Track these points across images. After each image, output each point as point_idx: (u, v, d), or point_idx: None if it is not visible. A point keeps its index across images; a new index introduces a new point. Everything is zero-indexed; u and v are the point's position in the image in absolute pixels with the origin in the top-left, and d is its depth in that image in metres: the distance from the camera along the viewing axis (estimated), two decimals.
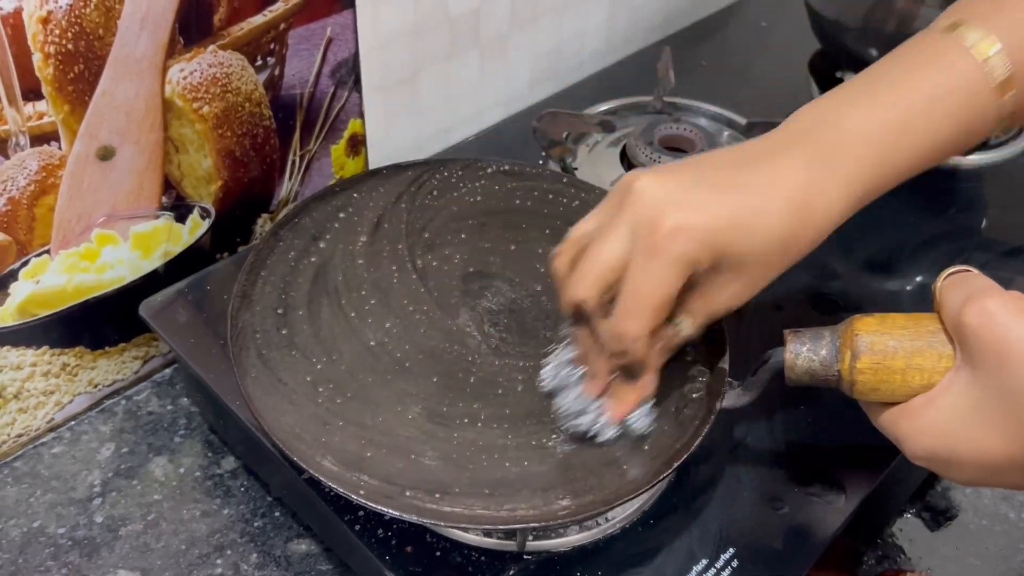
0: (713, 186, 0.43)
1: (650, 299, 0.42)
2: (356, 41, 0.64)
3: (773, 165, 0.43)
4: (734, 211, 0.42)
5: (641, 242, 0.41)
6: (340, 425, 0.46)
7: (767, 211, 0.42)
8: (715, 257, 0.42)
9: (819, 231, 0.44)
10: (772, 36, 0.91)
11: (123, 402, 0.64)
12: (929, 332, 0.41)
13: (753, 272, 0.44)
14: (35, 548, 0.55)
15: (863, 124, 0.44)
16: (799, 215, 0.43)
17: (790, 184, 0.43)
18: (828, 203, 0.43)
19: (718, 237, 0.41)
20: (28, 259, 0.55)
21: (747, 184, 0.43)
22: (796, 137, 0.45)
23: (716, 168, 0.44)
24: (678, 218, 0.41)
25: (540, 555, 0.47)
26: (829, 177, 0.43)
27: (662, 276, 0.41)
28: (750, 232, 0.42)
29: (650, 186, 0.42)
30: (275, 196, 0.66)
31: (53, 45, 0.50)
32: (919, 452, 0.40)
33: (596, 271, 0.43)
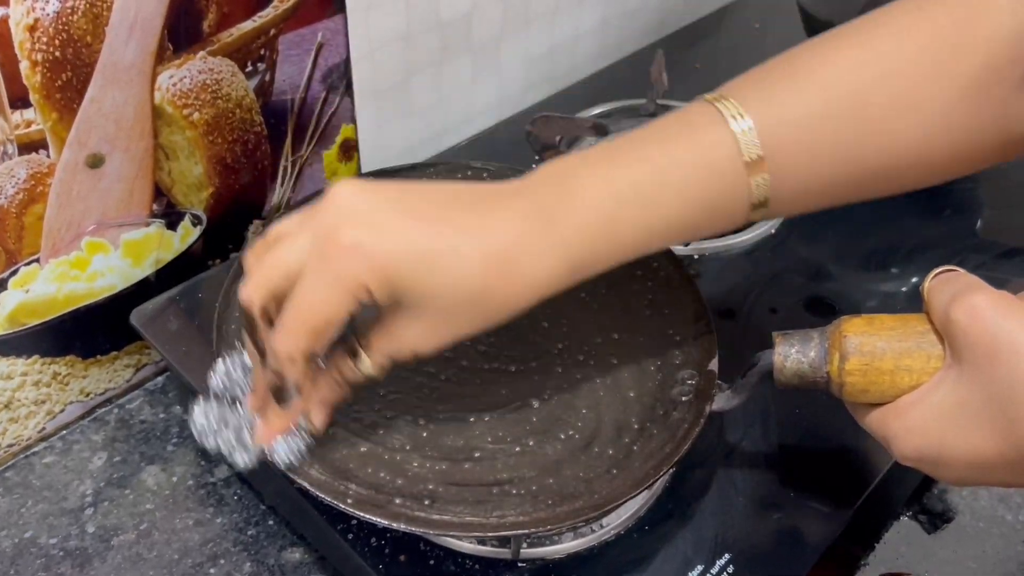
0: (414, 214, 0.39)
1: (309, 318, 0.38)
2: (347, 46, 0.64)
3: (490, 210, 0.40)
4: (423, 246, 0.38)
5: (315, 254, 0.38)
6: (328, 433, 0.46)
7: (460, 256, 0.38)
8: (390, 289, 0.38)
9: (519, 294, 0.40)
10: (765, 38, 0.91)
11: (115, 411, 0.63)
12: (917, 333, 0.41)
13: (438, 317, 0.40)
14: (27, 559, 0.54)
15: (592, 188, 0.40)
16: (497, 270, 0.39)
17: (497, 236, 0.39)
18: (534, 266, 0.39)
19: (396, 268, 0.38)
20: (17, 268, 0.55)
21: (452, 223, 0.39)
22: (528, 189, 0.41)
23: (431, 198, 0.40)
24: (356, 236, 0.37)
25: (534, 563, 0.47)
26: (542, 239, 0.39)
27: (326, 296, 0.38)
28: (434, 273, 0.38)
29: (347, 195, 0.38)
30: (267, 202, 0.66)
31: (40, 52, 0.49)
32: (908, 452, 0.40)
33: (267, 275, 0.39)
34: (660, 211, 0.41)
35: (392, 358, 0.42)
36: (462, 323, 0.40)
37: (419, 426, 0.47)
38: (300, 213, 0.41)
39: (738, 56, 0.88)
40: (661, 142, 0.41)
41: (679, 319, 0.52)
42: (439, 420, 0.47)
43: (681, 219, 0.41)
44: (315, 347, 0.40)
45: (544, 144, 0.71)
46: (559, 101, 0.80)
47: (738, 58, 0.91)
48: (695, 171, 0.41)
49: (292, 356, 0.39)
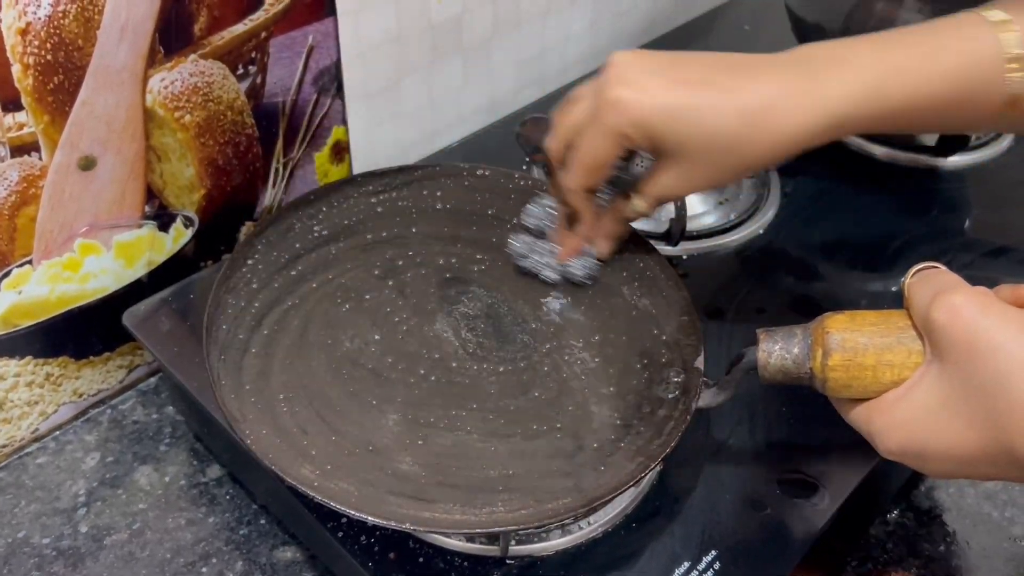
0: (675, 76, 0.45)
1: (584, 159, 0.48)
2: (338, 48, 0.65)
3: (751, 74, 0.45)
4: (677, 104, 0.45)
5: (591, 110, 0.47)
6: (319, 433, 0.46)
7: (712, 112, 0.44)
8: (650, 141, 0.46)
9: (775, 145, 0.45)
10: (755, 40, 0.92)
11: (108, 411, 0.64)
12: (899, 328, 0.41)
13: (694, 164, 0.47)
14: (20, 559, 0.55)
15: (860, 57, 0.45)
16: (753, 122, 0.44)
17: (759, 93, 0.45)
18: (790, 120, 0.45)
19: (652, 123, 0.45)
20: (10, 269, 0.55)
21: (714, 84, 0.45)
22: (792, 58, 0.46)
23: (696, 63, 0.46)
24: (619, 95, 0.45)
25: (523, 560, 0.47)
26: (802, 95, 0.45)
27: (596, 143, 0.47)
28: (686, 127, 0.45)
29: (620, 62, 0.46)
30: (259, 204, 0.66)
31: (32, 56, 0.50)
32: (891, 447, 0.41)
33: (561, 129, 0.49)
34: (926, 87, 0.45)
35: (658, 199, 0.50)
36: (719, 171, 0.47)
37: (408, 425, 0.47)
38: (594, 80, 0.48)
39: None
40: (931, 34, 0.46)
41: (666, 317, 0.53)
42: (428, 419, 0.48)
43: (942, 99, 0.46)
44: (591, 182, 0.49)
45: (535, 146, 0.71)
46: (550, 103, 0.80)
47: None
48: (960, 57, 0.45)
49: (573, 190, 0.50)
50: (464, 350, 0.51)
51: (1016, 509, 0.59)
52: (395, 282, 0.55)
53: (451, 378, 0.50)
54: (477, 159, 0.65)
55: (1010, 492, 0.60)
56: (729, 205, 0.69)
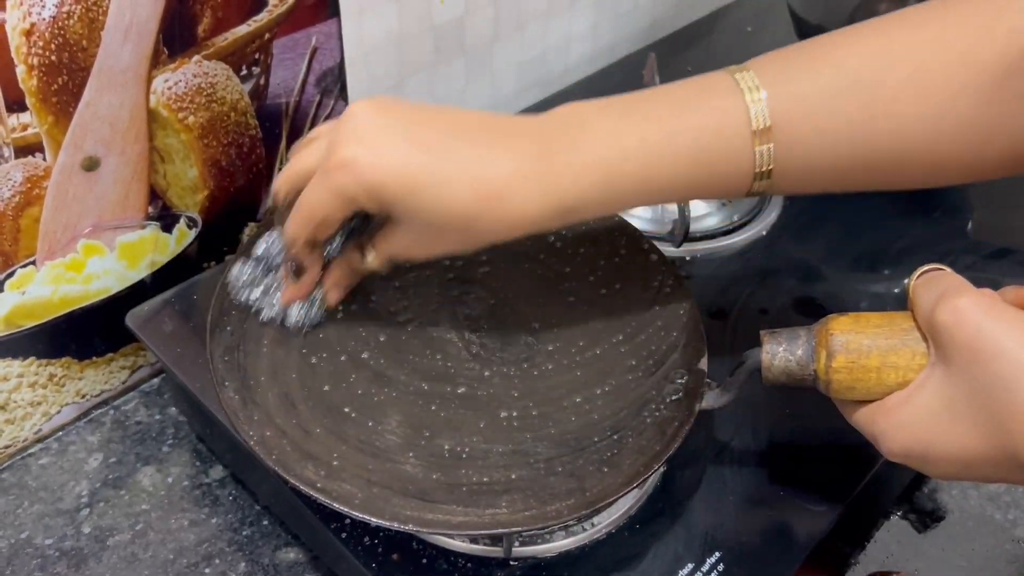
0: (415, 140, 0.42)
1: (308, 213, 0.44)
2: (341, 50, 0.65)
3: (491, 145, 0.42)
4: (413, 174, 0.41)
5: (321, 162, 0.43)
6: (322, 434, 0.46)
7: (448, 189, 0.42)
8: (380, 205, 0.43)
9: (506, 226, 0.43)
10: (757, 42, 0.92)
11: (111, 412, 0.64)
12: (903, 330, 0.41)
13: (427, 234, 0.45)
14: (22, 559, 0.55)
15: (598, 139, 0.42)
16: (482, 204, 0.42)
17: (492, 170, 0.42)
18: (522, 204, 0.42)
19: (384, 188, 0.42)
20: (13, 270, 0.55)
21: (450, 153, 0.42)
22: (536, 129, 0.43)
23: (438, 126, 0.43)
24: (352, 153, 0.42)
25: (526, 561, 0.47)
26: (537, 179, 0.42)
27: (322, 199, 0.43)
28: (421, 200, 0.42)
29: (359, 114, 0.43)
30: (262, 205, 0.66)
31: (36, 57, 0.50)
32: (895, 449, 0.41)
33: (291, 170, 0.46)
34: (662, 169, 0.43)
35: (391, 259, 0.48)
36: (449, 243, 0.45)
37: (411, 426, 0.47)
38: (335, 120, 0.45)
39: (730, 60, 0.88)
40: (674, 103, 0.43)
41: (669, 319, 0.53)
42: (431, 420, 0.48)
43: (683, 179, 0.43)
44: (313, 237, 0.46)
45: None
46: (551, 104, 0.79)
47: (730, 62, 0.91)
48: (701, 134, 0.43)
49: (294, 240, 0.46)
50: (467, 351, 0.51)
51: (1019, 511, 0.59)
52: (398, 283, 0.55)
53: (454, 379, 0.50)
54: None
55: (1013, 494, 0.60)
56: (732, 207, 0.69)
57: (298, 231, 0.45)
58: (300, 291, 0.50)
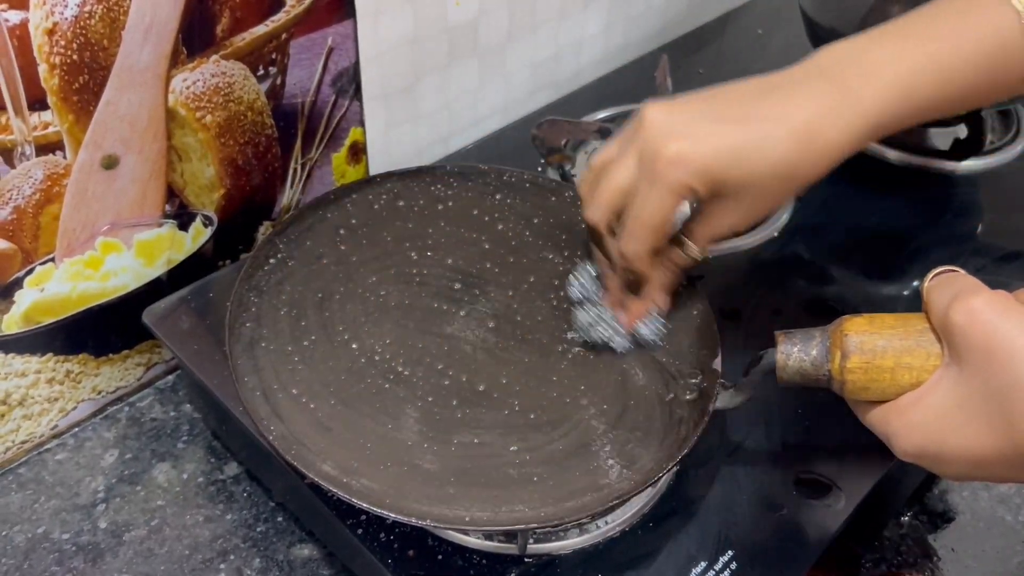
0: (718, 118, 0.45)
1: (649, 222, 0.46)
2: (356, 50, 0.65)
3: (785, 96, 0.45)
4: (734, 143, 0.44)
5: (644, 170, 0.45)
6: (339, 430, 0.47)
7: (769, 143, 0.44)
8: (712, 186, 0.45)
9: (823, 161, 0.45)
10: (769, 44, 0.92)
11: (126, 409, 0.64)
12: (917, 331, 0.41)
13: (753, 199, 0.46)
14: (39, 554, 0.55)
15: (887, 58, 0.45)
16: (802, 145, 0.44)
17: (797, 115, 0.44)
18: (836, 134, 0.45)
19: (715, 168, 0.44)
20: (33, 267, 0.56)
21: (753, 116, 0.45)
22: (816, 70, 0.46)
23: (727, 100, 0.46)
24: (677, 148, 0.44)
25: (540, 558, 0.47)
26: (840, 108, 0.45)
27: (660, 202, 0.45)
28: (749, 163, 0.44)
29: (658, 117, 0.45)
30: (277, 204, 0.67)
31: (59, 56, 0.50)
32: (909, 449, 0.41)
33: (606, 196, 0.48)
34: (954, 79, 0.46)
35: (713, 240, 0.49)
36: (772, 199, 0.47)
37: (428, 423, 0.48)
38: (615, 141, 0.48)
39: (741, 62, 0.89)
40: (950, 19, 0.46)
41: (683, 319, 0.53)
42: (448, 417, 0.48)
43: (972, 86, 0.47)
44: (657, 243, 0.48)
45: (550, 147, 0.72)
46: (564, 105, 0.81)
47: (741, 64, 0.92)
48: (984, 43, 0.45)
49: (639, 254, 0.48)
50: (482, 349, 0.52)
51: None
52: (414, 282, 0.55)
53: (470, 377, 0.50)
54: (492, 161, 0.66)
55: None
56: None
57: (642, 244, 0.47)
58: (646, 304, 0.51)
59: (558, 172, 0.70)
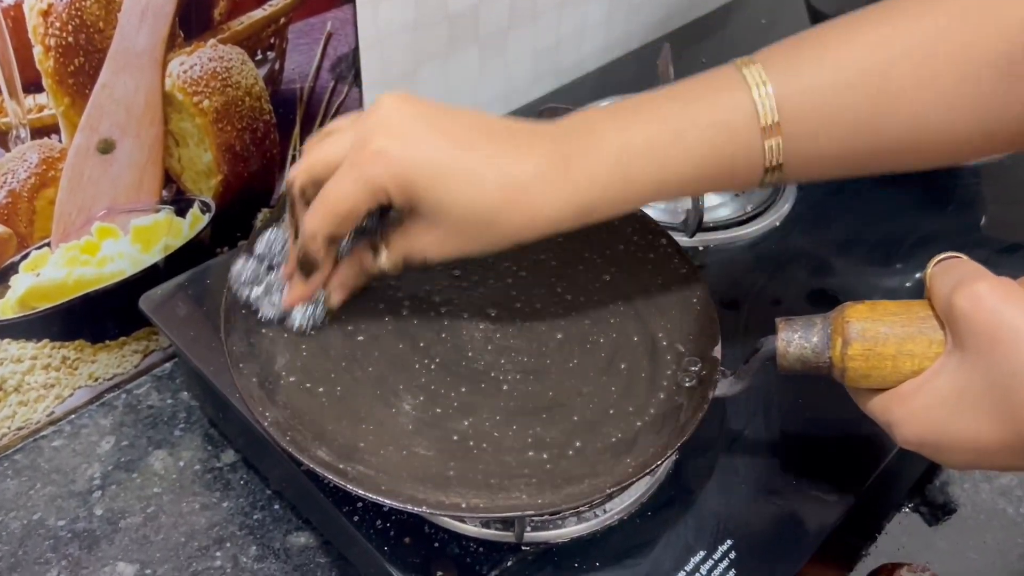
0: (445, 134, 0.43)
1: (333, 206, 0.44)
2: (356, 36, 0.65)
3: (516, 146, 0.43)
4: (445, 163, 0.42)
5: (351, 153, 0.43)
6: (335, 417, 0.46)
7: (475, 180, 0.42)
8: (407, 196, 0.43)
9: (530, 225, 0.43)
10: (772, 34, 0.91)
11: (123, 396, 0.64)
12: (919, 318, 0.41)
13: (449, 231, 0.44)
14: (35, 540, 0.55)
15: (609, 141, 0.43)
16: (508, 200, 0.43)
17: (515, 168, 0.43)
18: (545, 204, 0.43)
19: (415, 179, 0.42)
20: (28, 252, 0.55)
21: (478, 149, 0.43)
22: (554, 133, 0.44)
23: (468, 124, 0.44)
24: (385, 144, 0.42)
25: (538, 546, 0.47)
26: (557, 180, 0.43)
27: (349, 190, 0.43)
28: (448, 191, 0.42)
29: (390, 107, 0.43)
30: (275, 191, 0.66)
31: (54, 38, 0.50)
32: (910, 437, 0.41)
33: (311, 161, 0.45)
34: (672, 167, 0.43)
35: (406, 260, 0.47)
36: (470, 241, 0.45)
37: (425, 410, 0.47)
38: (355, 113, 0.46)
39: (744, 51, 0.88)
40: (682, 101, 0.44)
41: (684, 307, 0.52)
42: (445, 405, 0.48)
43: (693, 176, 0.44)
44: (336, 231, 0.45)
45: None
46: (565, 94, 0.80)
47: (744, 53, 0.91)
48: (711, 131, 0.43)
49: (314, 234, 0.45)
50: (480, 336, 0.51)
51: None
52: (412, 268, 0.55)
53: (467, 364, 0.50)
54: None
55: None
56: (745, 197, 0.69)
57: (320, 225, 0.45)
58: (308, 290, 0.49)
59: None
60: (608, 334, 0.52)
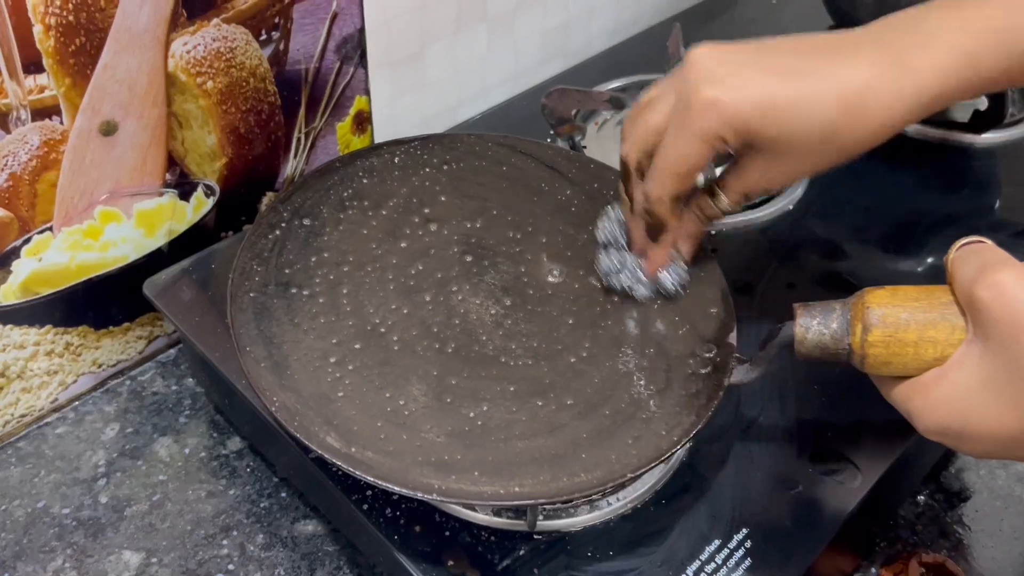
0: (764, 67, 0.43)
1: (674, 167, 0.44)
2: (362, 16, 0.63)
3: (838, 57, 0.43)
4: (775, 94, 0.42)
5: (677, 112, 0.44)
6: (344, 403, 0.45)
7: (812, 100, 0.42)
8: (746, 139, 0.43)
9: (872, 131, 0.43)
10: (783, 14, 0.90)
11: (127, 383, 0.63)
12: (942, 304, 0.40)
13: (789, 159, 0.44)
14: (39, 528, 0.54)
15: (948, 31, 0.43)
16: (849, 110, 0.42)
17: (848, 78, 0.42)
18: (888, 104, 0.42)
19: (750, 120, 0.42)
20: (30, 236, 0.54)
21: (801, 70, 0.43)
22: (873, 35, 0.44)
23: (779, 51, 0.44)
24: (713, 94, 0.42)
25: (550, 534, 0.46)
26: (895, 78, 0.42)
27: (687, 147, 0.43)
28: (788, 120, 0.42)
29: (702, 59, 0.43)
30: (280, 174, 0.65)
31: (54, 16, 0.49)
32: (932, 427, 0.40)
33: (639, 134, 0.46)
34: (1018, 45, 0.42)
35: (746, 195, 0.47)
36: (814, 160, 0.44)
37: (435, 396, 0.46)
38: (665, 79, 0.46)
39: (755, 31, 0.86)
40: None
41: (698, 293, 0.52)
42: (455, 391, 0.47)
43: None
44: (680, 190, 0.46)
45: (559, 117, 0.70)
46: (574, 75, 0.79)
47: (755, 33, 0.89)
48: None
49: (661, 199, 0.46)
50: (491, 321, 0.50)
51: None
52: (420, 252, 0.54)
53: (478, 349, 0.49)
54: (501, 131, 0.64)
55: None
56: None
57: (665, 188, 0.45)
58: (664, 252, 0.50)
59: (568, 143, 0.69)
60: (620, 319, 0.51)
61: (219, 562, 0.53)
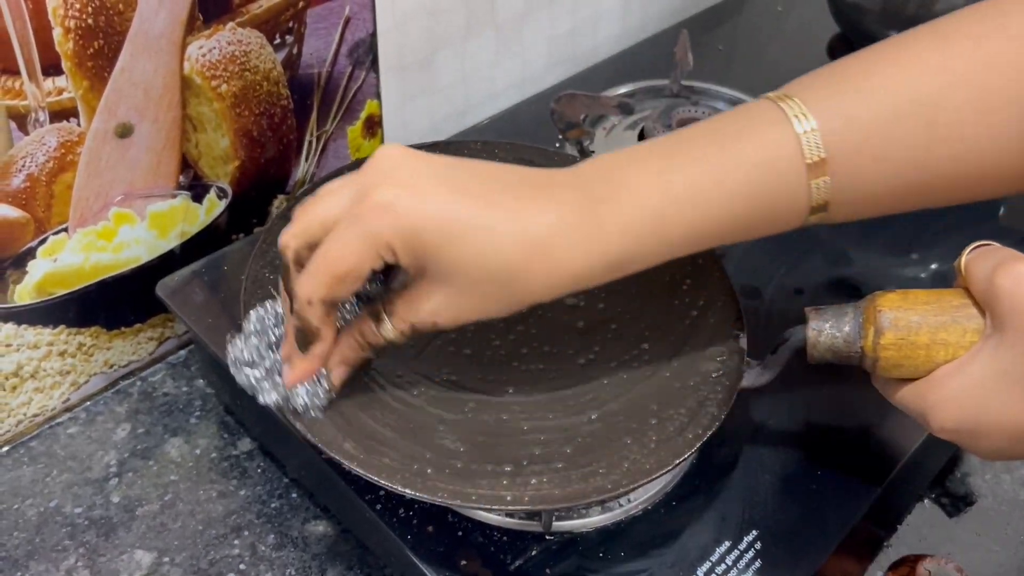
0: (455, 186, 0.39)
1: (332, 266, 0.39)
2: (374, 21, 0.64)
3: (534, 196, 0.39)
4: (457, 217, 0.38)
5: (350, 207, 0.39)
6: (359, 408, 0.46)
7: (494, 234, 0.38)
8: (415, 253, 0.38)
9: (550, 283, 0.39)
10: (789, 20, 0.90)
11: (138, 383, 0.63)
12: (953, 307, 0.41)
13: (463, 292, 0.40)
14: (52, 528, 0.54)
15: (643, 186, 0.40)
16: (531, 255, 0.38)
17: (537, 222, 0.38)
18: (570, 258, 0.39)
19: (424, 235, 0.38)
20: (46, 237, 0.55)
21: (492, 201, 0.39)
22: (576, 180, 0.40)
23: (475, 174, 0.40)
24: (391, 196, 0.38)
25: (563, 536, 0.47)
26: (584, 232, 0.39)
27: (349, 247, 0.38)
28: (463, 248, 0.38)
29: (391, 157, 0.39)
30: (291, 177, 0.66)
31: (73, 19, 0.49)
32: (946, 423, 0.40)
33: (304, 222, 0.40)
34: (713, 212, 0.40)
35: (414, 327, 0.42)
36: (487, 302, 0.40)
37: (449, 400, 0.47)
38: (347, 174, 0.41)
39: (761, 38, 0.87)
40: (719, 140, 0.40)
41: (707, 298, 0.52)
42: (469, 395, 0.47)
43: (735, 220, 0.40)
44: (334, 294, 0.40)
45: (568, 122, 0.71)
46: (581, 81, 0.80)
47: (761, 40, 0.90)
48: (753, 171, 0.40)
49: (311, 299, 0.40)
50: (503, 325, 0.51)
51: None
52: None
53: (491, 353, 0.49)
54: (509, 136, 0.65)
55: None
56: None
57: (317, 288, 0.40)
58: (310, 366, 0.43)
59: (576, 148, 0.69)
60: (630, 324, 0.51)
61: (230, 562, 0.53)
